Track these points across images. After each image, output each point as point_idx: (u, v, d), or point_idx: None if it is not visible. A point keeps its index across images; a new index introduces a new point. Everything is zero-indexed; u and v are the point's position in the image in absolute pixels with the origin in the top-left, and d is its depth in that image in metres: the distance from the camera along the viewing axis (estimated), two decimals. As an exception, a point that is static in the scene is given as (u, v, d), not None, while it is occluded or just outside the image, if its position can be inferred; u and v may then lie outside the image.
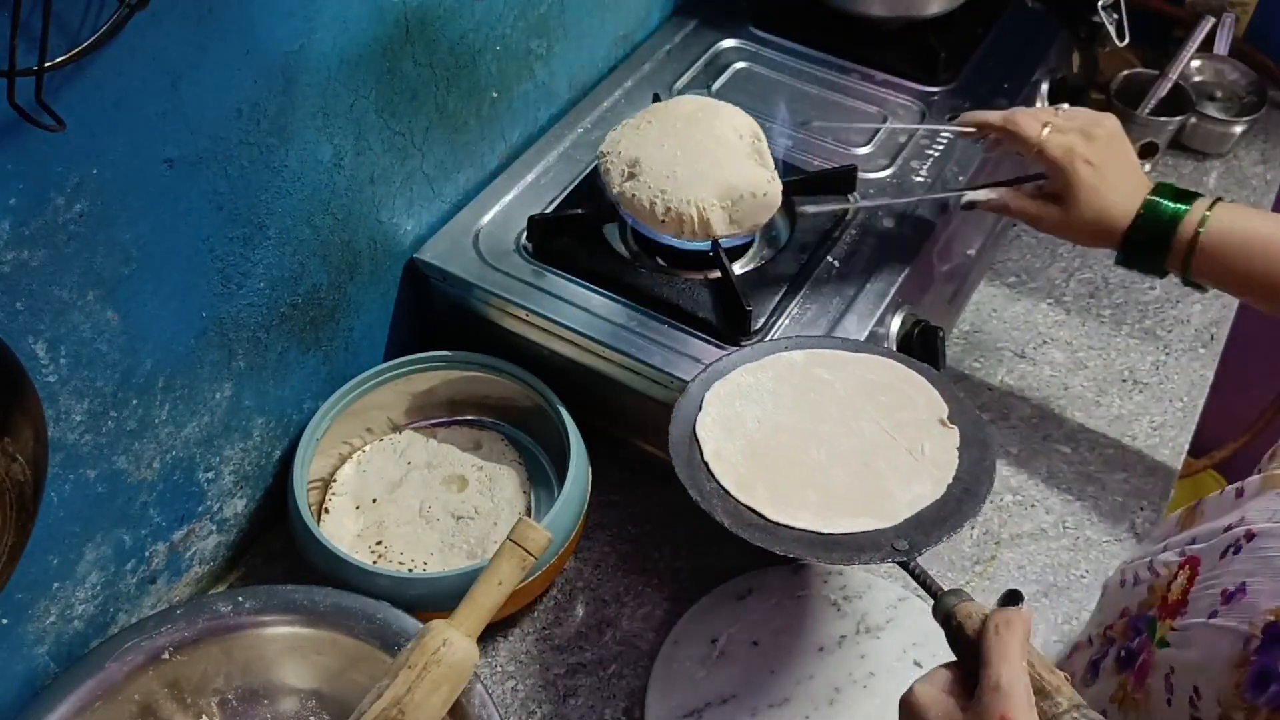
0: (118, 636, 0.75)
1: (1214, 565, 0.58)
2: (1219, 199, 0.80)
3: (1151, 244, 0.82)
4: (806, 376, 0.78)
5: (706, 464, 0.73)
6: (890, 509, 0.69)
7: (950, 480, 0.70)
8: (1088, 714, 0.53)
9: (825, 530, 0.68)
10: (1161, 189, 0.82)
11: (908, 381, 0.78)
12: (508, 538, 0.72)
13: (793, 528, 0.69)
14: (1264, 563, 0.54)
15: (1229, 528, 0.58)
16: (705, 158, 0.86)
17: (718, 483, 0.72)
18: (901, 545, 0.66)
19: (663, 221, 0.84)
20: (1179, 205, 0.81)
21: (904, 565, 0.66)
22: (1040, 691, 0.54)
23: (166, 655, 0.75)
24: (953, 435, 0.73)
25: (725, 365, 0.79)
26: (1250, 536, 0.56)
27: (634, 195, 0.85)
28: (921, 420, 0.74)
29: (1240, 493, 0.62)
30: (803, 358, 0.79)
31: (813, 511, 0.69)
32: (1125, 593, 0.68)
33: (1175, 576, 0.61)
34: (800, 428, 0.75)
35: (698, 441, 0.74)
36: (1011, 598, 0.57)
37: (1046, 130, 0.83)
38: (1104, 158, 0.82)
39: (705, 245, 0.86)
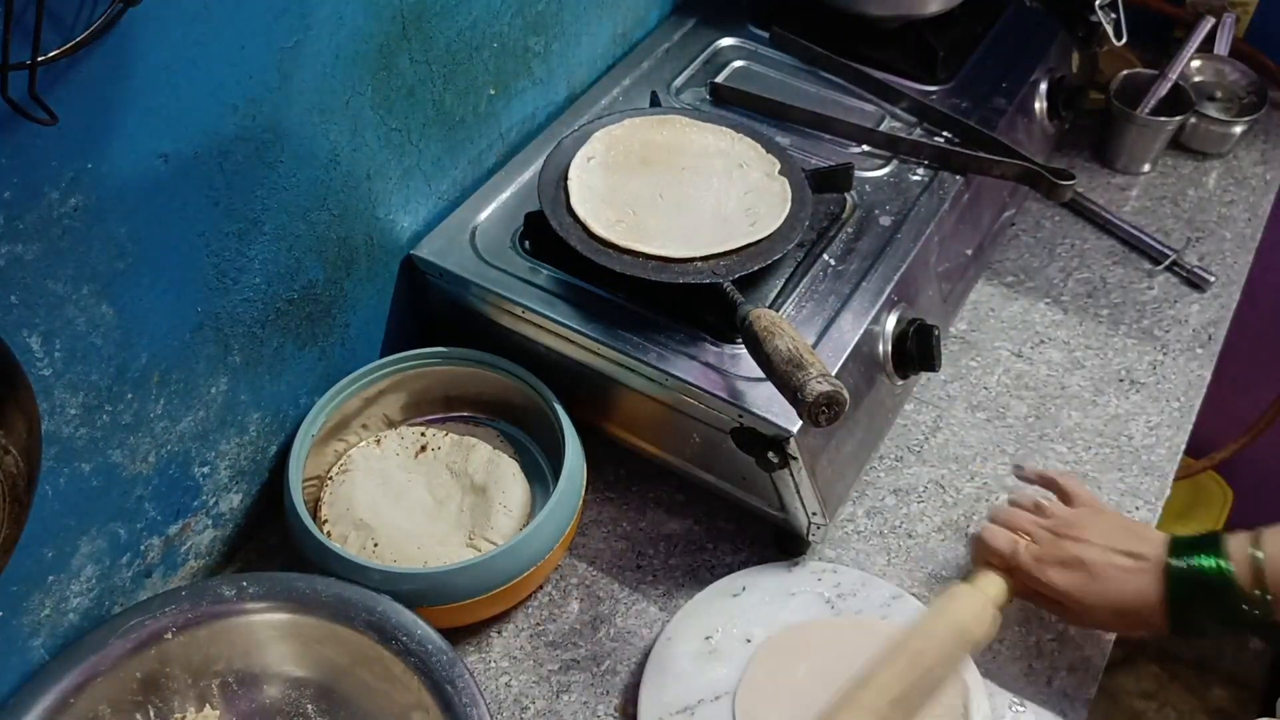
0: (122, 614, 0.76)
1: None
2: (1255, 533, 0.72)
3: (1204, 603, 0.72)
4: (663, 139, 0.95)
5: (572, 207, 0.87)
6: (719, 244, 0.85)
7: (774, 229, 0.87)
8: (829, 379, 0.69)
9: (660, 253, 0.84)
10: (1178, 548, 0.74)
11: (750, 148, 0.94)
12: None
13: (634, 251, 0.84)
14: None
15: None
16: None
17: (576, 218, 0.87)
18: (720, 270, 0.83)
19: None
20: (1212, 560, 0.71)
21: (719, 286, 0.82)
22: (799, 365, 0.71)
23: (169, 635, 0.76)
24: (783, 190, 0.90)
25: (593, 128, 0.95)
26: None
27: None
28: (756, 178, 0.91)
29: None
30: (663, 122, 0.96)
31: (654, 244, 0.85)
32: None
33: None
34: (655, 180, 0.91)
35: (566, 188, 0.89)
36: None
37: (1022, 545, 0.78)
38: (1079, 555, 0.76)
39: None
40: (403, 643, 0.74)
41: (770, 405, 0.79)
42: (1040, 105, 1.13)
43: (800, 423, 0.77)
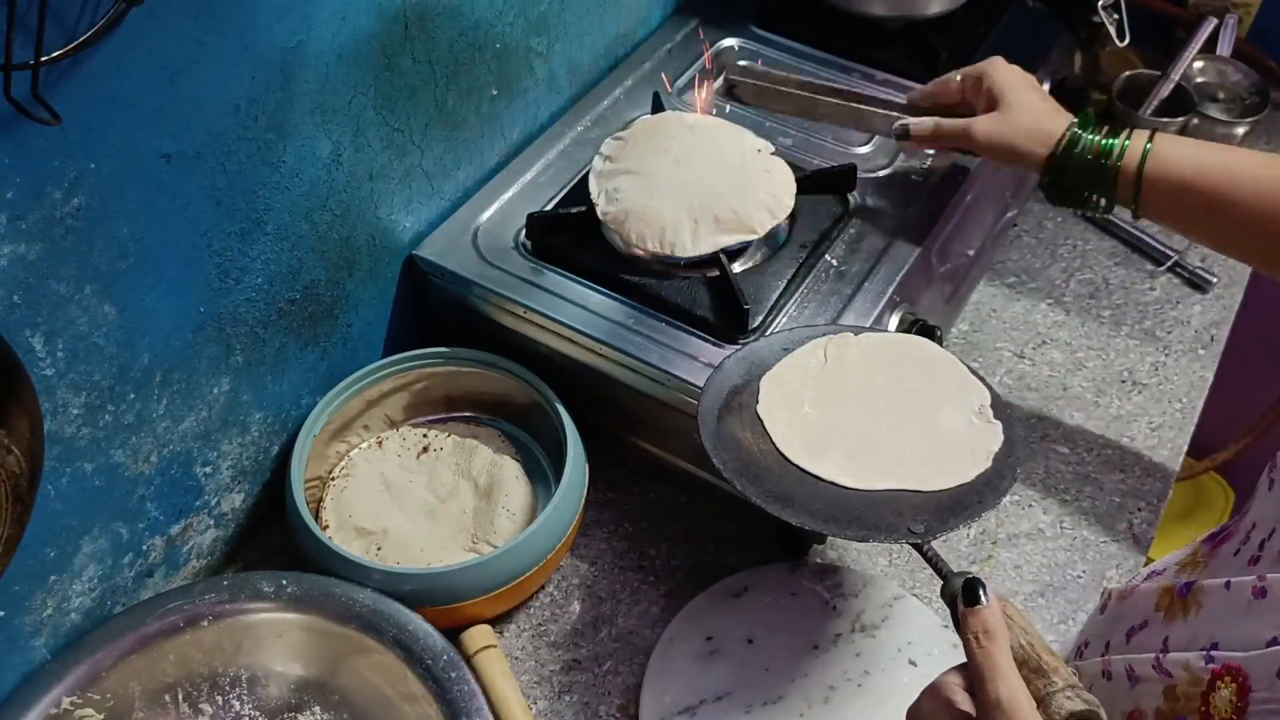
0: (162, 596, 0.78)
1: (1271, 685, 0.52)
2: (1155, 131, 0.81)
3: (1085, 166, 0.81)
4: (857, 357, 0.79)
5: (769, 433, 0.73)
6: (919, 483, 0.70)
7: (980, 471, 0.70)
8: (1082, 694, 0.55)
9: (854, 485, 0.70)
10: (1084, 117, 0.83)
11: (951, 369, 0.78)
12: None
13: (826, 481, 0.70)
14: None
15: (1273, 640, 0.52)
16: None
17: (775, 446, 0.73)
18: (918, 528, 0.66)
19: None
20: (1110, 140, 0.81)
21: (917, 548, 0.66)
22: (1038, 670, 0.56)
23: (206, 623, 0.77)
24: (993, 428, 0.73)
25: (765, 349, 0.79)
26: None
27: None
28: (961, 408, 0.75)
29: (1255, 559, 0.57)
30: (856, 340, 0.80)
31: (848, 474, 0.71)
32: (1120, 687, 0.63)
33: (1214, 688, 0.55)
34: (851, 403, 0.76)
35: (760, 418, 0.75)
36: (970, 590, 0.57)
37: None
38: (1019, 79, 0.86)
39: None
40: (422, 660, 0.75)
41: (772, 406, 0.78)
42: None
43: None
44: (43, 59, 0.54)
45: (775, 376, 0.77)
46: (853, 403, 0.76)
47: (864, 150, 1.01)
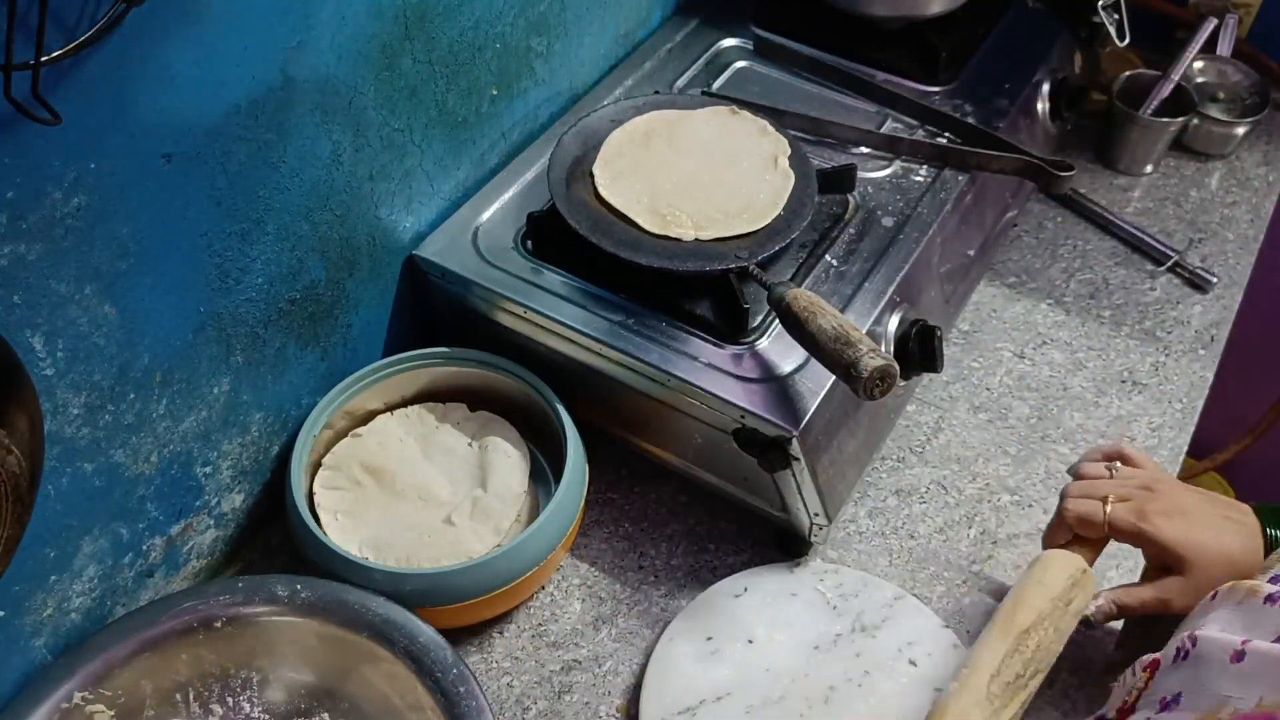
0: (177, 596, 0.78)
1: (1165, 669, 0.57)
2: None
3: None
4: (677, 127, 0.96)
5: (600, 195, 0.90)
6: (745, 227, 0.88)
7: (783, 207, 0.89)
8: (880, 353, 0.70)
9: (691, 237, 0.87)
10: (1264, 514, 0.73)
11: (752, 124, 0.97)
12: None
13: (666, 237, 0.87)
14: (1195, 678, 0.54)
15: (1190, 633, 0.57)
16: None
17: (609, 207, 0.89)
18: (743, 254, 0.84)
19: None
20: None
21: (744, 270, 0.82)
22: (848, 343, 0.71)
23: (219, 625, 0.77)
24: (789, 175, 0.92)
25: (595, 122, 0.96)
26: (1194, 642, 0.55)
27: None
28: (764, 158, 0.93)
29: (1214, 595, 0.60)
30: (677, 115, 0.98)
31: (681, 227, 0.87)
32: (1119, 691, 0.66)
33: (1139, 676, 0.60)
34: (672, 166, 0.93)
35: (593, 179, 0.91)
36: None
37: (1109, 506, 0.75)
38: (1178, 503, 0.74)
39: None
40: (431, 672, 0.74)
41: (772, 406, 0.79)
42: (1043, 106, 1.13)
43: (802, 424, 0.77)
44: (43, 59, 0.54)
45: (608, 154, 0.93)
46: (680, 169, 0.92)
47: (864, 150, 1.01)
